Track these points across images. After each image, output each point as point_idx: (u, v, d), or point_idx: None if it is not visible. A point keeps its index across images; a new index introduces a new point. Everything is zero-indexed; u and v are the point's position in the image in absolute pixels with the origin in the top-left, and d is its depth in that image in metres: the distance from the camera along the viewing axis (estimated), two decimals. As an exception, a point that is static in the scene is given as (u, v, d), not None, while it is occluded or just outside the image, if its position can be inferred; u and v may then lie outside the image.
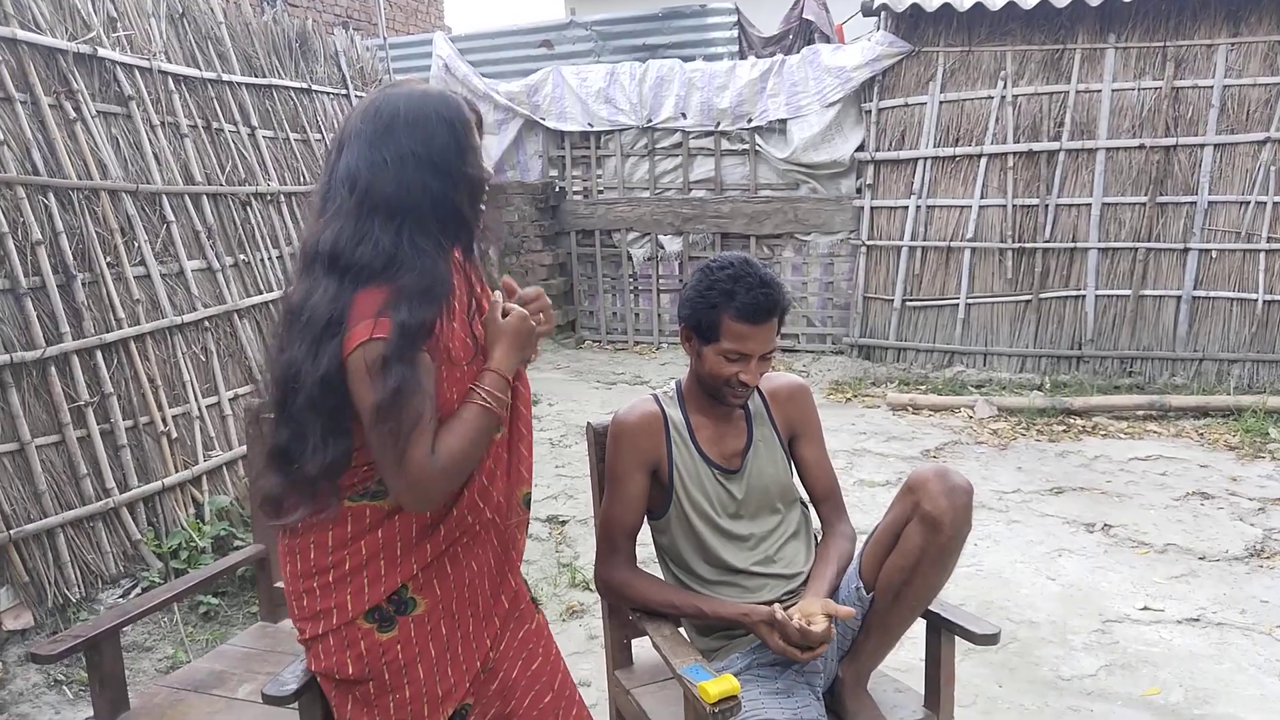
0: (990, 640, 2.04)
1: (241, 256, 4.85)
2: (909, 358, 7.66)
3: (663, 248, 8.64)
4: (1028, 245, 7.20)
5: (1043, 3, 6.85)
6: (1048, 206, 7.14)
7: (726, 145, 8.27)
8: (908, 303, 7.61)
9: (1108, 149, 6.99)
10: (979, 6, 7.04)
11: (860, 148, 7.75)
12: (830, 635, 1.93)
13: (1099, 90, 7.00)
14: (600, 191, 8.85)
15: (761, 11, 9.77)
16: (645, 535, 2.26)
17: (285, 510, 1.70)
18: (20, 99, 3.81)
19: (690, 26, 9.13)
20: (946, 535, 1.95)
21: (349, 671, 1.73)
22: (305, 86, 5.69)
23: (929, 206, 7.49)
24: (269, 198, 5.14)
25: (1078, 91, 7.05)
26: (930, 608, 2.09)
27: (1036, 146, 7.13)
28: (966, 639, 2.06)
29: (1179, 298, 6.88)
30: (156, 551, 3.87)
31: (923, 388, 7.12)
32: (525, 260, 8.70)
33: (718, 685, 1.76)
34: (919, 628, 2.14)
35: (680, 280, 8.55)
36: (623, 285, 8.91)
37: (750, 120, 8.04)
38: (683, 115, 8.27)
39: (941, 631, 2.10)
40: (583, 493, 4.92)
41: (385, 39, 9.83)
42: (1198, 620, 3.61)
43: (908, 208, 7.54)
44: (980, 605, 3.72)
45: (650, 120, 8.38)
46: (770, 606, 1.98)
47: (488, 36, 9.80)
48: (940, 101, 7.40)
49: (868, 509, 4.65)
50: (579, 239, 8.99)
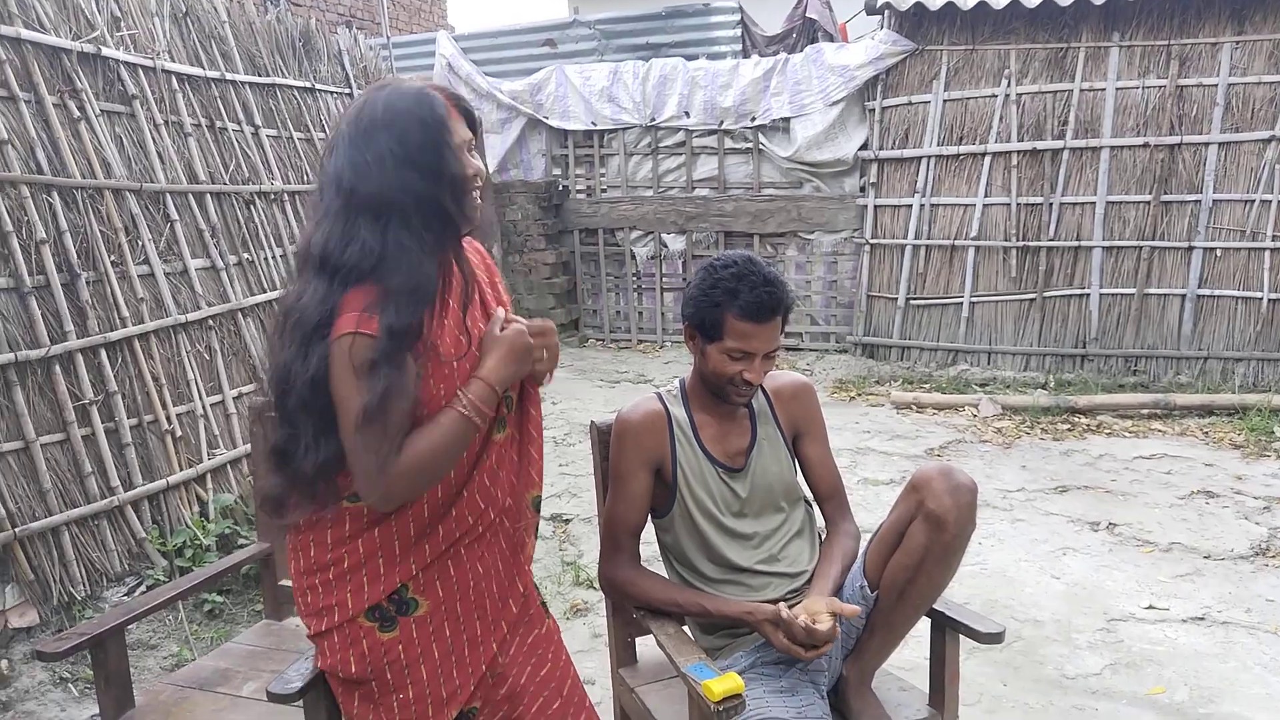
0: (995, 639, 2.03)
1: (245, 255, 4.86)
2: (913, 356, 7.65)
3: (666, 246, 8.64)
4: (1032, 244, 7.19)
5: (1046, 1, 6.83)
6: (1052, 205, 7.13)
7: (730, 144, 8.26)
8: (912, 301, 7.60)
9: (1112, 147, 6.97)
10: (983, 5, 7.03)
11: (864, 146, 7.74)
12: (835, 634, 1.93)
13: (1103, 89, 6.99)
14: (604, 190, 8.85)
15: (765, 10, 9.77)
16: (649, 534, 2.26)
17: (287, 509, 1.71)
18: (25, 98, 3.82)
19: (694, 25, 9.13)
20: (951, 534, 1.95)
21: (352, 670, 1.74)
22: (309, 85, 5.70)
23: (933, 205, 7.48)
24: (272, 196, 5.15)
25: (1082, 90, 7.03)
26: (935, 606, 2.09)
27: (1040, 145, 7.12)
28: (971, 638, 2.05)
29: (1183, 296, 6.86)
30: (161, 550, 3.88)
31: (927, 386, 7.11)
32: (529, 259, 8.70)
33: (722, 684, 1.76)
34: (923, 626, 2.14)
35: (683, 279, 8.55)
36: (626, 284, 8.91)
37: (754, 119, 8.03)
38: (686, 114, 8.26)
39: (946, 630, 2.10)
40: (586, 491, 4.93)
41: (388, 38, 9.84)
42: (1203, 619, 3.61)
43: (911, 206, 7.53)
44: (985, 604, 3.72)
45: (654, 119, 8.38)
46: (775, 605, 1.98)
47: (491, 35, 9.81)
48: (944, 100, 7.39)
49: (872, 507, 4.65)
50: (582, 238, 8.99)
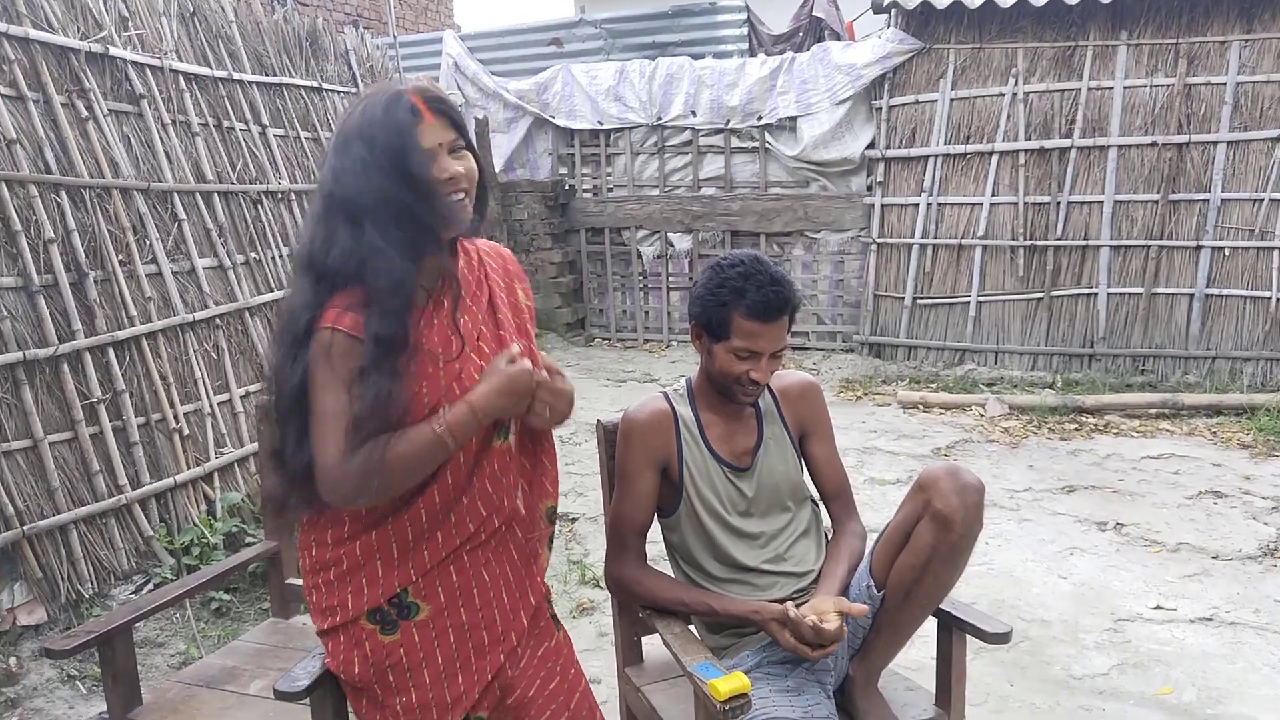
0: (1002, 639, 2.03)
1: (252, 254, 4.87)
2: (920, 356, 7.64)
3: (672, 245, 8.64)
4: (1039, 243, 7.17)
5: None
6: (1059, 204, 7.11)
7: (736, 143, 8.26)
8: (918, 301, 7.59)
9: (1120, 146, 6.95)
10: (990, 3, 7.01)
11: (871, 145, 7.73)
12: (842, 633, 1.92)
13: (1111, 87, 6.96)
14: (610, 189, 8.85)
15: (771, 9, 9.75)
16: (655, 533, 2.26)
17: (288, 508, 1.74)
18: (33, 98, 3.83)
19: (700, 24, 9.13)
20: (958, 534, 1.95)
21: (355, 671, 1.76)
22: (316, 85, 5.71)
23: (940, 204, 7.47)
24: (280, 196, 5.16)
25: (1089, 88, 7.01)
26: (941, 606, 2.09)
27: (1048, 144, 7.10)
28: (978, 638, 2.05)
29: (1191, 296, 6.83)
30: (168, 548, 3.89)
31: (933, 386, 7.10)
32: (535, 258, 8.71)
33: (728, 683, 1.76)
34: (930, 626, 2.14)
35: (690, 278, 8.54)
36: (632, 283, 8.91)
37: (760, 118, 8.03)
38: (692, 113, 8.26)
39: (953, 630, 2.10)
40: (592, 490, 4.93)
41: (395, 37, 9.84)
42: (1211, 620, 3.60)
43: (918, 205, 7.52)
44: (991, 604, 3.71)
45: (660, 118, 8.37)
46: (783, 604, 1.98)
47: (497, 35, 9.82)
48: (951, 99, 7.37)
49: (878, 507, 4.64)
50: (589, 237, 8.99)
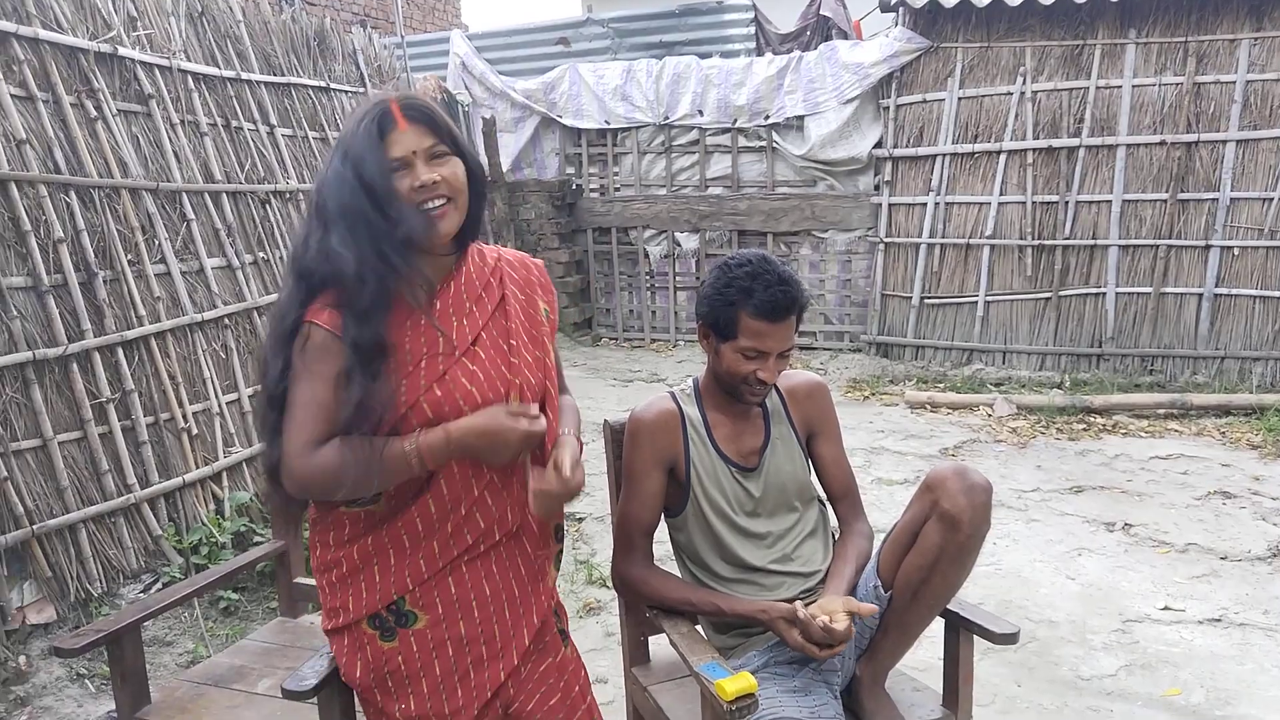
0: (1009, 639, 2.03)
1: (261, 254, 4.88)
2: (927, 355, 7.62)
3: (679, 245, 8.63)
4: (1047, 242, 7.15)
5: (1062, -2, 6.81)
6: (1068, 203, 7.09)
7: (743, 142, 8.25)
8: (926, 300, 7.57)
9: (1128, 145, 6.93)
10: (998, 2, 6.99)
11: (878, 144, 7.72)
12: (851, 633, 1.92)
13: (1119, 86, 6.94)
14: (617, 189, 8.85)
15: (779, 8, 9.75)
16: (663, 533, 2.26)
17: (280, 503, 1.79)
18: (42, 98, 3.84)
19: (707, 23, 9.13)
20: (965, 534, 1.94)
21: (355, 675, 1.78)
22: (324, 85, 5.72)
23: (947, 203, 7.45)
24: (288, 196, 5.17)
25: (1098, 87, 6.99)
26: (949, 606, 2.09)
27: (1056, 143, 7.08)
28: (985, 638, 2.05)
29: (1200, 295, 6.81)
30: (177, 547, 3.90)
31: (941, 386, 7.09)
32: (542, 258, 8.66)
33: (735, 683, 1.76)
34: (937, 626, 2.13)
35: (697, 278, 8.54)
36: (639, 283, 8.91)
37: (767, 117, 8.02)
38: (699, 112, 8.25)
39: (960, 630, 2.10)
40: (599, 490, 4.92)
41: (403, 37, 9.85)
42: (1219, 621, 3.59)
43: (926, 205, 7.50)
44: (999, 604, 3.71)
45: (667, 117, 8.37)
46: (791, 604, 1.98)
47: (505, 34, 9.82)
48: (959, 98, 7.36)
49: (885, 507, 4.64)
50: (596, 236, 9.00)
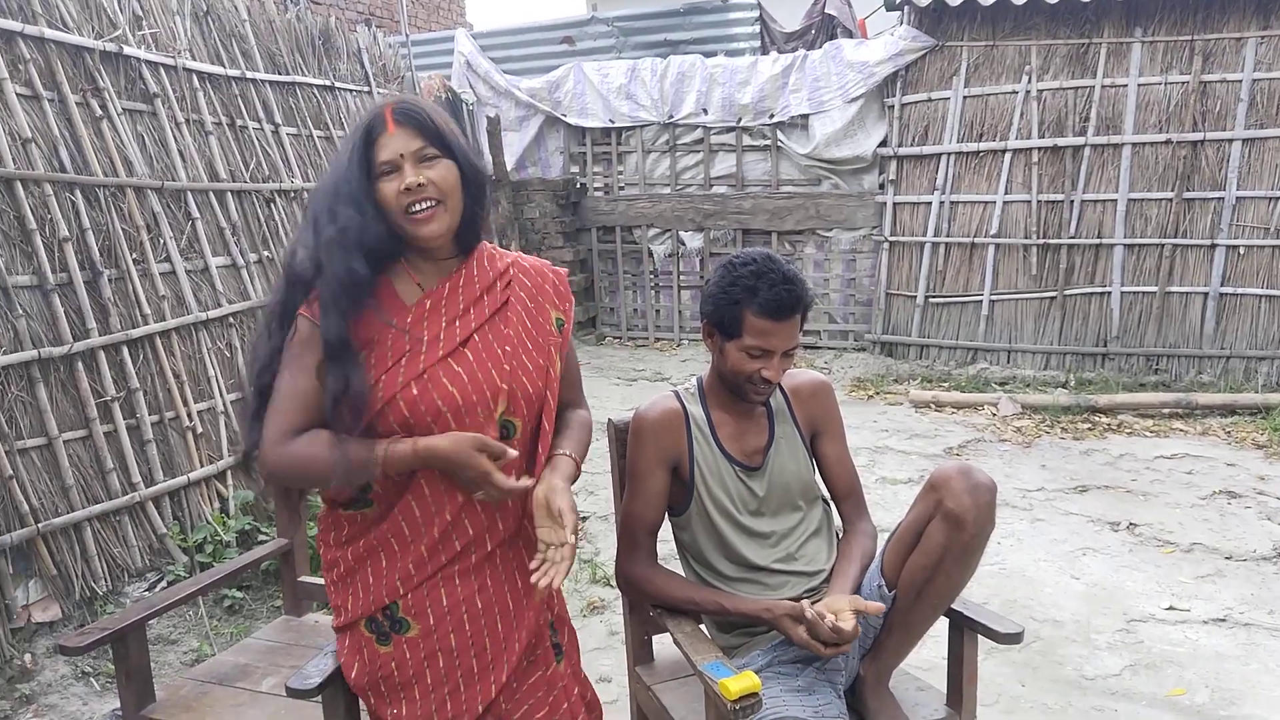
0: (1013, 639, 2.02)
1: (265, 253, 4.88)
2: (932, 354, 7.61)
3: (684, 244, 8.63)
4: (1052, 241, 7.14)
5: (1068, -4, 6.80)
6: (1073, 202, 7.08)
7: (748, 141, 8.25)
8: (931, 299, 7.56)
9: (1134, 144, 6.91)
10: (1003, 1, 6.98)
11: (883, 143, 7.71)
12: (858, 632, 1.92)
13: (1125, 85, 6.92)
14: (621, 188, 8.85)
15: (783, 7, 9.74)
16: (666, 532, 2.26)
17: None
18: (48, 97, 3.85)
19: (712, 22, 9.12)
20: (969, 533, 1.94)
21: (353, 675, 1.79)
22: (328, 84, 5.72)
23: (952, 202, 7.44)
24: (292, 194, 5.17)
25: (1103, 86, 6.97)
26: (953, 606, 2.08)
27: (1061, 142, 7.06)
28: (989, 638, 2.04)
29: (1206, 294, 6.79)
30: (182, 545, 3.90)
31: (946, 385, 7.08)
32: (546, 257, 8.64)
33: (738, 682, 1.76)
34: (941, 626, 2.13)
35: (701, 276, 8.54)
36: (643, 281, 8.91)
37: (772, 116, 8.01)
38: (704, 111, 8.25)
39: (964, 630, 2.09)
40: (603, 489, 4.93)
41: (407, 36, 9.87)
42: (1224, 620, 3.58)
43: (931, 203, 7.49)
44: (1003, 604, 3.70)
45: (672, 116, 8.37)
46: (798, 602, 1.97)
47: (509, 33, 9.82)
48: (964, 96, 7.34)
49: (890, 506, 4.63)
50: (600, 235, 9.00)
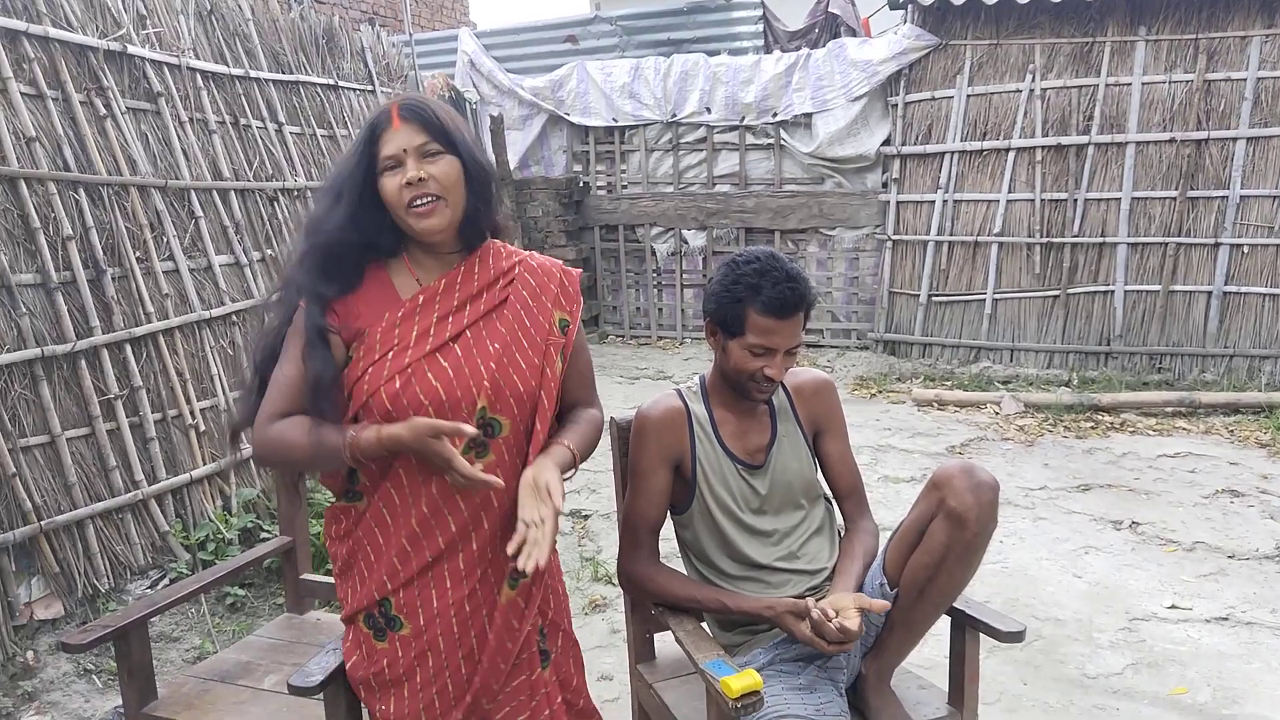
0: (1015, 638, 2.02)
1: (269, 251, 4.88)
2: (934, 353, 7.61)
3: (686, 242, 8.63)
4: (1056, 240, 7.13)
5: (1072, -5, 6.79)
6: (1076, 201, 7.07)
7: (751, 140, 8.24)
8: (934, 298, 7.56)
9: (1137, 143, 6.90)
10: (1007, -1, 6.99)
11: (886, 142, 7.70)
12: (862, 630, 1.92)
13: (1129, 83, 6.91)
14: (624, 186, 8.85)
15: (787, 5, 9.73)
16: (669, 530, 2.26)
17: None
18: (52, 96, 3.85)
19: (715, 21, 9.11)
20: (972, 532, 1.94)
21: (349, 666, 1.81)
22: (332, 83, 5.72)
23: (955, 201, 7.43)
24: (296, 193, 5.17)
25: (1107, 84, 6.96)
26: (955, 604, 2.08)
27: (1065, 140, 7.05)
28: (991, 636, 2.04)
29: (1209, 293, 6.78)
30: (184, 543, 3.91)
31: (948, 384, 7.07)
32: (549, 255, 8.71)
33: (740, 680, 1.76)
34: (943, 624, 2.13)
35: (704, 275, 8.54)
36: (646, 280, 8.91)
37: (775, 114, 8.01)
38: (707, 110, 8.25)
39: (966, 628, 2.09)
40: (605, 487, 4.93)
41: (411, 35, 9.86)
42: (1226, 619, 3.57)
43: (934, 202, 7.49)
44: (1005, 602, 3.70)
45: (675, 115, 8.37)
46: (801, 600, 1.97)
47: (512, 32, 9.82)
48: (967, 95, 7.34)
49: (892, 505, 4.63)
50: (603, 234, 9.00)
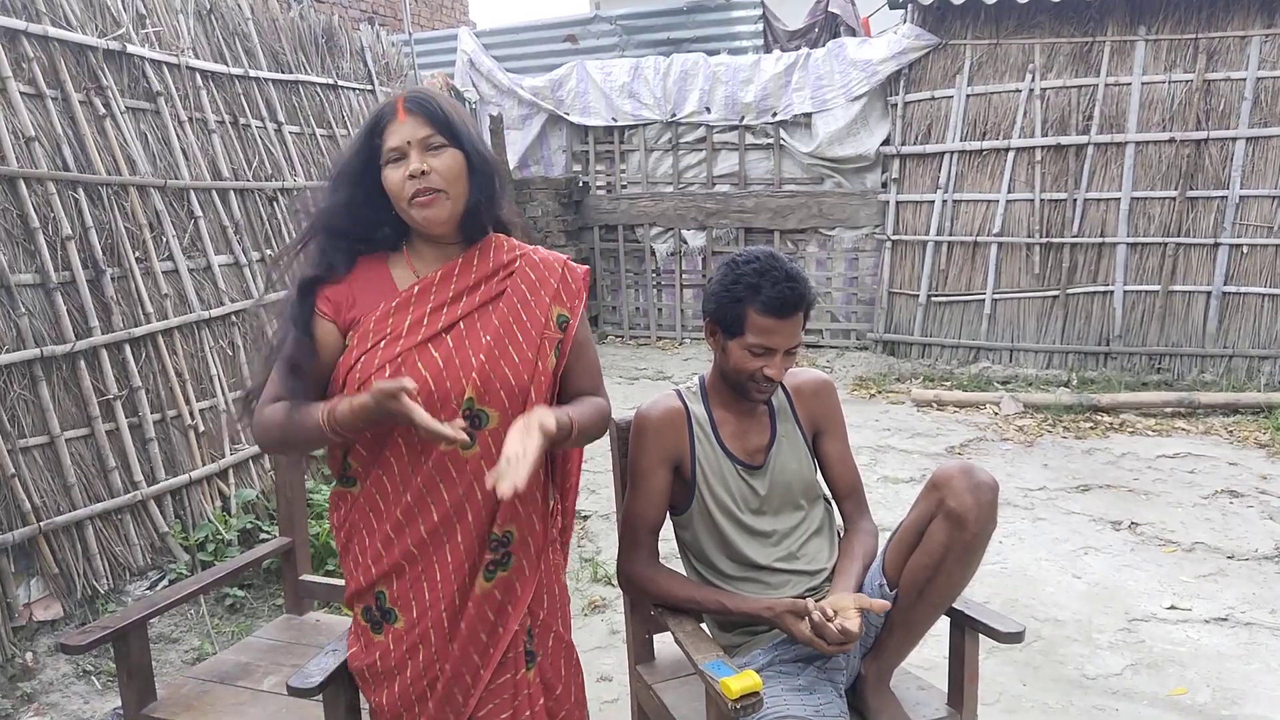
0: (1014, 638, 2.02)
1: (268, 251, 4.88)
2: (934, 354, 7.61)
3: (686, 242, 8.63)
4: (1055, 240, 7.13)
5: (1071, -5, 6.79)
6: (1076, 201, 7.07)
7: (751, 139, 8.24)
8: (933, 298, 7.55)
9: (1137, 143, 6.90)
10: (1006, -1, 6.98)
11: (886, 142, 7.70)
12: (862, 630, 1.92)
13: (1128, 83, 6.91)
14: (624, 186, 8.85)
15: (786, 5, 9.73)
16: (668, 530, 2.26)
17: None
18: (51, 95, 3.85)
19: (715, 20, 9.11)
20: (971, 532, 1.94)
21: (349, 655, 1.82)
22: (331, 82, 5.72)
23: (955, 201, 7.43)
24: (295, 193, 5.17)
25: (1107, 84, 6.96)
26: (954, 605, 2.08)
27: (1065, 140, 7.05)
28: (990, 637, 2.04)
29: (1209, 293, 6.78)
30: (183, 544, 3.91)
31: (948, 384, 7.07)
32: (549, 255, 8.71)
33: (740, 681, 1.76)
34: (942, 625, 2.13)
35: (703, 275, 8.54)
36: (646, 280, 8.90)
37: (775, 114, 8.00)
38: (707, 109, 8.24)
39: (965, 629, 2.09)
40: (605, 488, 4.93)
41: (410, 34, 9.86)
42: (1226, 620, 3.57)
43: (933, 202, 7.49)
44: (1005, 603, 3.70)
45: (674, 114, 8.36)
46: (801, 601, 1.97)
47: (512, 31, 9.82)
48: (967, 95, 7.33)
49: (892, 505, 4.63)
50: (602, 234, 9.00)
